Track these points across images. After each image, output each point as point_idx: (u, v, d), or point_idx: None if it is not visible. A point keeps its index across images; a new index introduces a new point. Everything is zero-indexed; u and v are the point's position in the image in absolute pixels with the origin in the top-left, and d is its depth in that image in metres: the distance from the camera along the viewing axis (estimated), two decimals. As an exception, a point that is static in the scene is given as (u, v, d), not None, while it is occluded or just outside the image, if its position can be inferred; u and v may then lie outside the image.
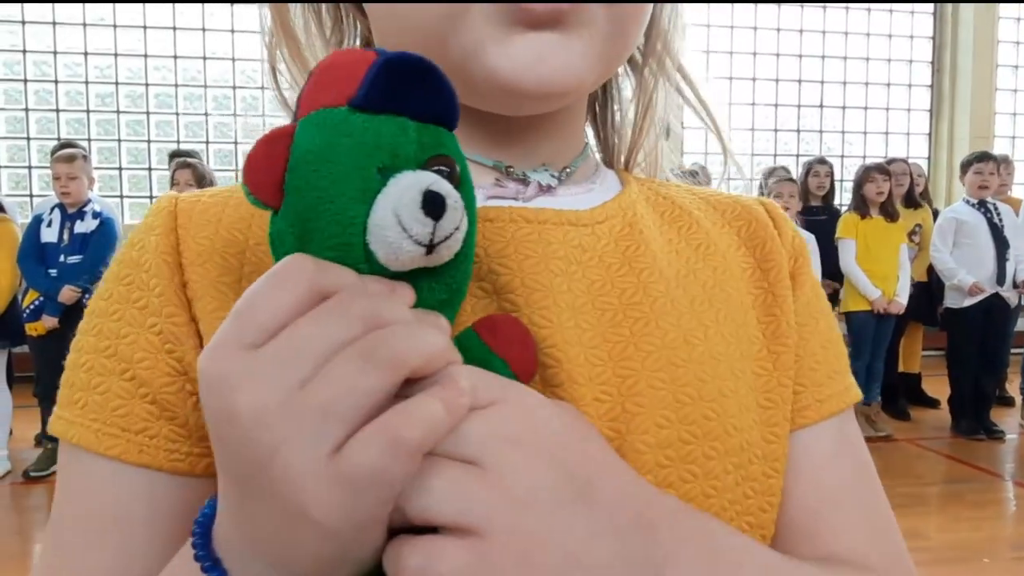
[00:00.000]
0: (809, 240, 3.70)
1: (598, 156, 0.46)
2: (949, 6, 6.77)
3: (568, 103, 0.37)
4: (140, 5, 5.83)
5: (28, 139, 5.79)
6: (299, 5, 0.39)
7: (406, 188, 0.26)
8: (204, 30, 5.92)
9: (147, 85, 5.88)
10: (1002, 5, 6.65)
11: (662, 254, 0.39)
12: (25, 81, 5.75)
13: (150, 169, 5.86)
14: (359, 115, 0.27)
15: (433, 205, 0.26)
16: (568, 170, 0.40)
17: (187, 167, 3.46)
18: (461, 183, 0.28)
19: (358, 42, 0.41)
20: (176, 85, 5.91)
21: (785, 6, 6.61)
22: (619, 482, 0.30)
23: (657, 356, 0.35)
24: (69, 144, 4.01)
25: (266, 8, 0.39)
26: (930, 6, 6.82)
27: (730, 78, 6.56)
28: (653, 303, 0.37)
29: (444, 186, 0.27)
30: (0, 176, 5.71)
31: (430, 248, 0.27)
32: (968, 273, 3.87)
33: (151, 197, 5.85)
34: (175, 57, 5.90)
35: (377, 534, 0.25)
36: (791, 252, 0.42)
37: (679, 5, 0.44)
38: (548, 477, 0.27)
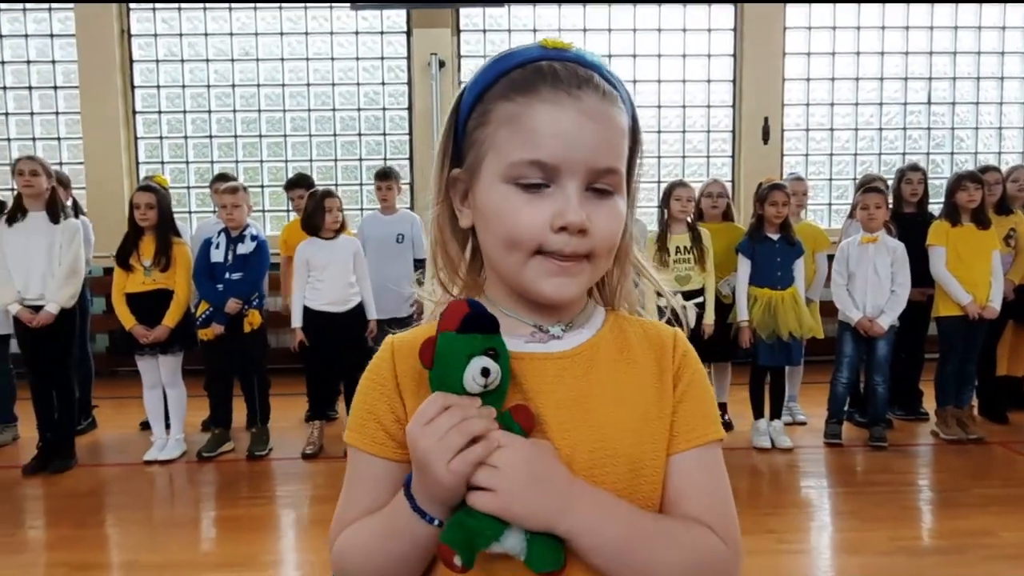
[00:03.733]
0: (895, 248, 3.83)
1: (596, 301, 0.82)
2: (1073, -9, 6.47)
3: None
4: (279, 37, 6.54)
5: (187, 163, 6.63)
6: (451, 240, 0.78)
7: (476, 365, 0.65)
8: (332, 59, 6.55)
9: (284, 111, 6.58)
10: None
11: (607, 369, 0.74)
12: (184, 112, 6.59)
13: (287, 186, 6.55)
14: (459, 336, 0.66)
15: (485, 374, 0.65)
16: (571, 324, 0.76)
17: (332, 196, 3.99)
18: (500, 356, 0.66)
19: (468, 253, 0.80)
20: (309, 110, 6.59)
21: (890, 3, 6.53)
22: (559, 473, 0.67)
23: (590, 421, 0.71)
24: (227, 176, 4.68)
25: (434, 234, 0.79)
26: (1052, -8, 6.53)
27: (832, 79, 6.57)
28: (595, 397, 0.73)
29: (492, 364, 0.65)
30: (165, 196, 6.54)
31: (485, 387, 0.65)
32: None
33: (288, 211, 6.54)
34: (308, 85, 6.56)
35: (462, 490, 0.64)
36: (679, 362, 0.77)
37: (635, 227, 0.80)
38: (522, 469, 0.65)
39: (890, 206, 4.27)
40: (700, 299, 4.00)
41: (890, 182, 4.56)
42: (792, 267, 3.93)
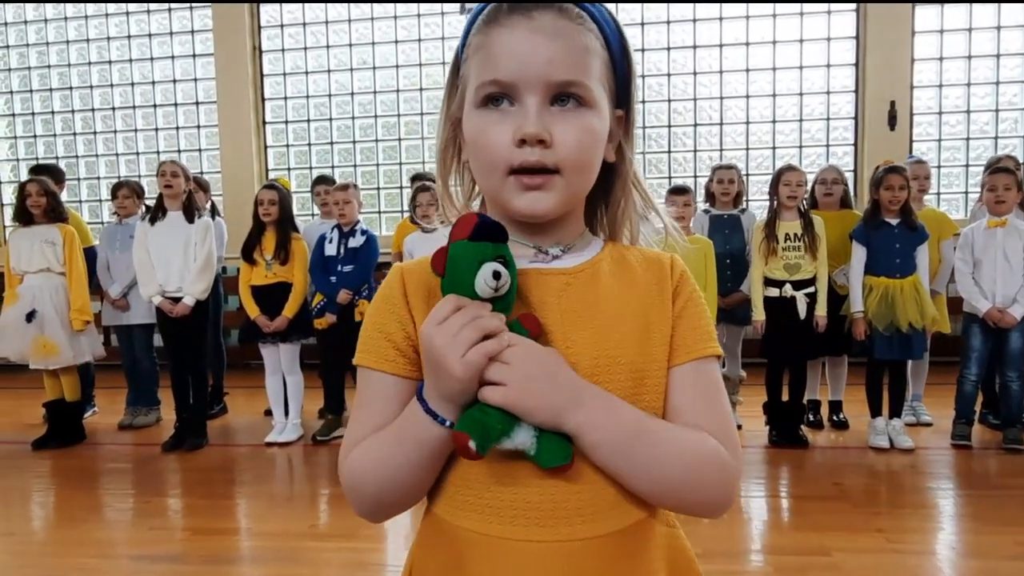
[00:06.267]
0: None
1: (601, 233, 0.85)
2: None
3: (556, 217, 0.77)
4: (394, 46, 6.84)
5: (310, 168, 7.04)
6: (451, 170, 0.83)
7: (488, 269, 0.68)
8: (444, 63, 6.76)
9: (399, 116, 6.86)
10: None
11: (608, 285, 0.78)
12: (308, 121, 7.02)
13: (401, 188, 6.83)
14: (471, 243, 0.69)
15: (496, 277, 0.68)
16: (569, 245, 0.80)
17: (427, 190, 4.14)
18: (509, 265, 0.70)
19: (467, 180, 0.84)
20: (421, 114, 6.83)
21: (1037, -29, 5.96)
22: (566, 373, 0.70)
23: (593, 330, 0.75)
24: (327, 178, 5.00)
25: (439, 172, 0.84)
26: None
27: (968, 57, 6.08)
28: (597, 310, 0.76)
29: (502, 269, 0.69)
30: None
31: (496, 291, 0.69)
32: None
33: (402, 212, 6.81)
34: (420, 89, 6.81)
35: (475, 384, 0.67)
36: (677, 280, 0.80)
37: (635, 152, 0.81)
38: (531, 366, 0.68)
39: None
40: (811, 289, 3.82)
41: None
42: (914, 254, 3.68)
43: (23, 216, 4.30)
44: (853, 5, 6.21)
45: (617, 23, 0.77)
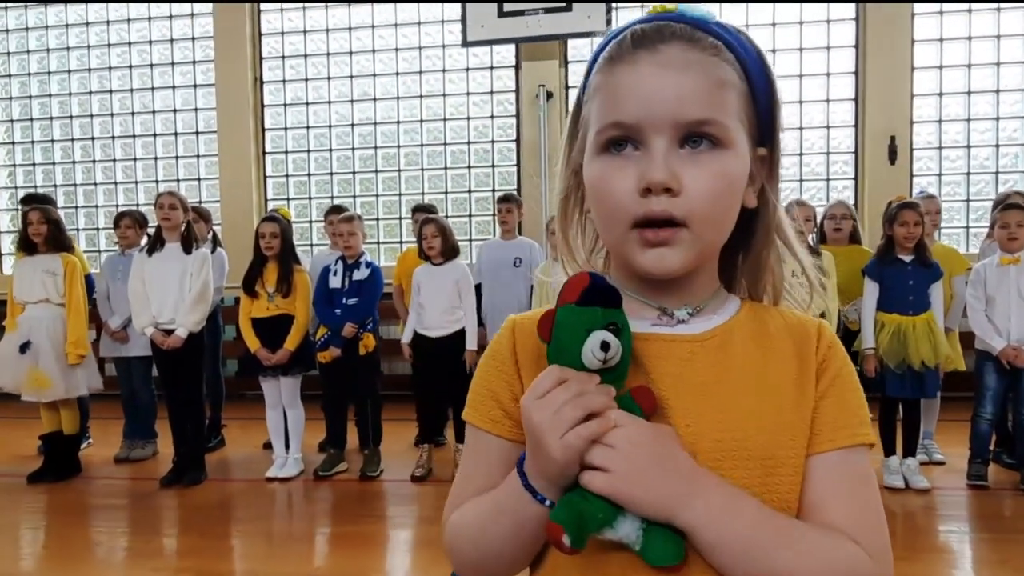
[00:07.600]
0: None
1: (739, 290, 0.77)
2: None
3: (685, 274, 0.69)
4: (395, 78, 6.85)
5: (310, 199, 7.01)
6: (573, 227, 0.77)
7: (595, 339, 0.61)
8: (444, 95, 6.78)
9: (399, 147, 6.86)
10: None
11: (741, 357, 0.69)
12: (308, 152, 7.00)
13: (400, 219, 6.79)
14: (578, 308, 0.63)
15: (604, 348, 0.61)
16: (699, 307, 0.71)
17: (431, 223, 4.10)
18: (621, 332, 0.63)
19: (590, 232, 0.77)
20: (422, 145, 6.83)
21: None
22: (682, 459, 0.63)
23: (718, 408, 0.66)
24: (341, 208, 4.92)
25: (559, 222, 0.78)
26: None
27: (968, 92, 6.14)
28: (725, 384, 0.67)
29: (612, 339, 0.62)
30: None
31: (604, 362, 0.62)
32: None
33: (401, 243, 6.76)
34: (420, 121, 6.81)
35: (575, 468, 0.61)
36: (823, 354, 0.71)
37: (780, 208, 0.74)
38: (640, 451, 0.61)
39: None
40: (820, 325, 3.78)
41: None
42: (928, 291, 3.65)
43: (26, 245, 4.23)
44: (852, 40, 6.28)
45: (758, 49, 0.69)
